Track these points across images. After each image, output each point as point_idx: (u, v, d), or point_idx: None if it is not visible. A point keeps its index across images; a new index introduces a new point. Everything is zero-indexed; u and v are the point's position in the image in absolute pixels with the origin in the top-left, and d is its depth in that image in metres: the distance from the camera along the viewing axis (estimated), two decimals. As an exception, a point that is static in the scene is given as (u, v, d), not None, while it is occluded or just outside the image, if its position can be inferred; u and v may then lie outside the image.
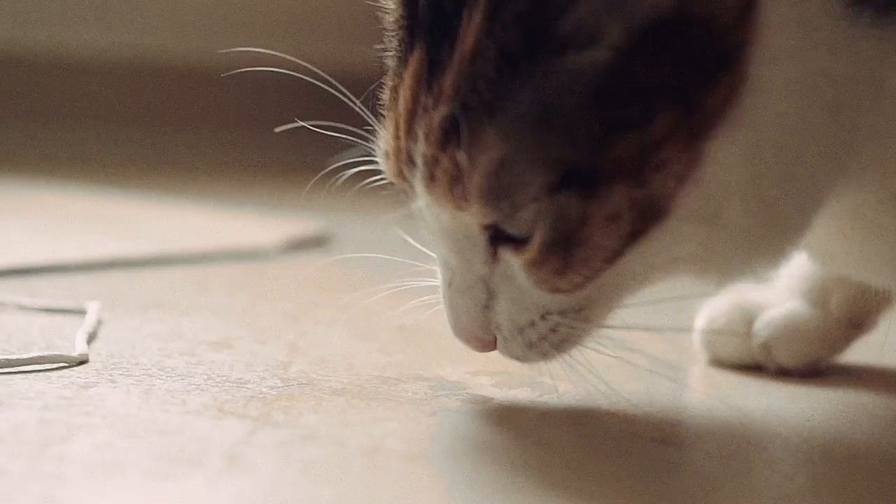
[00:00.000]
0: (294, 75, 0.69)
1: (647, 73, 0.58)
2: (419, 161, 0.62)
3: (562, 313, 0.64)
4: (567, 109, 0.59)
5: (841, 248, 0.71)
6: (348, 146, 0.67)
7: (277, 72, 0.70)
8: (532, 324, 0.65)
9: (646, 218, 0.60)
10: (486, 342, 0.67)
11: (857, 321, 0.84)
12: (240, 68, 0.76)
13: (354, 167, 0.68)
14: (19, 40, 2.33)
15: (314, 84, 0.68)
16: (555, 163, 0.59)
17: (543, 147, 0.59)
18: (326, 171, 0.70)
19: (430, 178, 0.61)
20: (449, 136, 0.60)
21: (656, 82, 0.58)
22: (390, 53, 0.66)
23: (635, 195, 0.59)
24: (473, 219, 0.62)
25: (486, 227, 0.63)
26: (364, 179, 0.68)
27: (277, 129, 0.71)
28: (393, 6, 0.66)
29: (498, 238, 0.63)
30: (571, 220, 0.60)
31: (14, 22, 2.34)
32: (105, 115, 2.35)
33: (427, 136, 0.61)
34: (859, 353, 0.86)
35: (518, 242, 0.62)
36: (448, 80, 0.60)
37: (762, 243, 0.64)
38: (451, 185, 0.61)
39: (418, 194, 0.63)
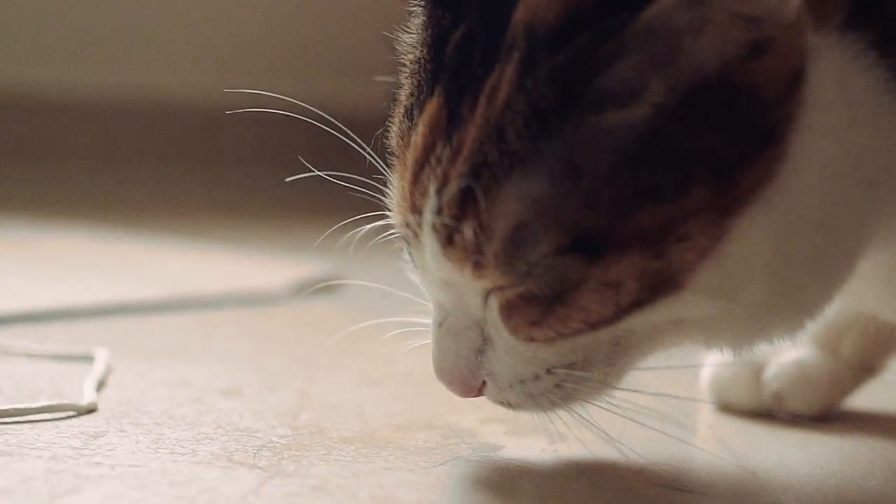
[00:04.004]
0: (300, 115, 0.69)
1: (688, 139, 0.56)
2: (430, 217, 0.60)
3: (568, 368, 0.62)
4: (595, 171, 0.56)
5: (867, 289, 0.69)
6: (358, 191, 0.66)
7: (283, 114, 0.70)
8: (536, 377, 0.63)
9: (656, 289, 0.58)
10: (472, 387, 0.64)
11: (868, 365, 0.84)
12: (246, 108, 0.75)
13: (366, 218, 0.67)
14: (26, 81, 2.33)
15: (322, 123, 0.67)
16: (570, 226, 0.57)
17: (562, 209, 0.57)
18: (342, 221, 0.70)
19: (448, 242, 0.59)
20: (467, 199, 0.58)
21: (695, 151, 0.56)
22: (403, 91, 0.64)
23: (650, 266, 0.57)
24: (488, 283, 0.60)
25: None
26: (372, 222, 0.68)
27: (288, 179, 0.71)
28: (414, 44, 0.64)
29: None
30: (567, 281, 0.58)
31: (21, 63, 2.35)
32: (113, 157, 2.36)
33: (441, 194, 0.59)
34: (872, 397, 0.86)
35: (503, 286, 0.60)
36: (470, 135, 0.58)
37: (780, 319, 0.62)
38: (471, 253, 0.59)
39: (425, 246, 0.61)
